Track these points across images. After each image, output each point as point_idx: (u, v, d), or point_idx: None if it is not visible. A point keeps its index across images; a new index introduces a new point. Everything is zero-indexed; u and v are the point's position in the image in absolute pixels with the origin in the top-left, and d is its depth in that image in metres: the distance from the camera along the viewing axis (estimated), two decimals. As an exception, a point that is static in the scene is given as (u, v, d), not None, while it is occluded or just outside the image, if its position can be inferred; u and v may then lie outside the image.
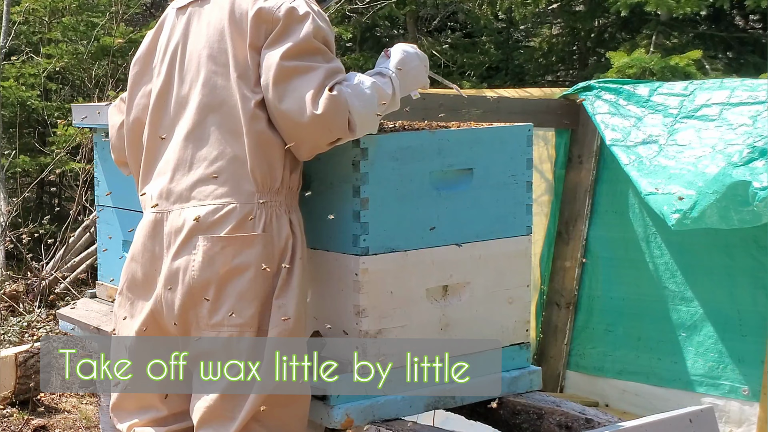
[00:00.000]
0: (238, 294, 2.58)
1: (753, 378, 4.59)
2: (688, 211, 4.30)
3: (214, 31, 2.68)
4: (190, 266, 2.59)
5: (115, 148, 2.99)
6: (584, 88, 5.24)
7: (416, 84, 2.77)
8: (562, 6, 8.83)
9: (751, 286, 4.63)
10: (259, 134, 2.59)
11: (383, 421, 2.69)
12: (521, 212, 2.90)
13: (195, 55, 2.71)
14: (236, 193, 2.61)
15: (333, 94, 2.53)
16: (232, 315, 2.57)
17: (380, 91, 2.62)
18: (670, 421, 2.31)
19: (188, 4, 2.79)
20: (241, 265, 2.58)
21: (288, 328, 2.59)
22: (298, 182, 2.70)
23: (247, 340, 2.58)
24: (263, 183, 2.61)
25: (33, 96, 8.19)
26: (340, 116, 2.54)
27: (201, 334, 2.61)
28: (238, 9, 2.65)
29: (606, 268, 5.26)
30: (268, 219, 2.61)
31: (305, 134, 2.58)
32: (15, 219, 7.49)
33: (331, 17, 8.22)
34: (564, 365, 5.38)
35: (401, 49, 2.75)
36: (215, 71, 2.66)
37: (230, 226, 2.59)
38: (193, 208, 2.62)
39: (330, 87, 2.55)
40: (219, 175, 2.62)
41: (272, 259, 2.60)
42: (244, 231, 2.59)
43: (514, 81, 8.85)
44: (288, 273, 2.62)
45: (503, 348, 2.91)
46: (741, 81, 4.88)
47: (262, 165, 2.60)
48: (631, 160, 4.79)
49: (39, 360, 5.48)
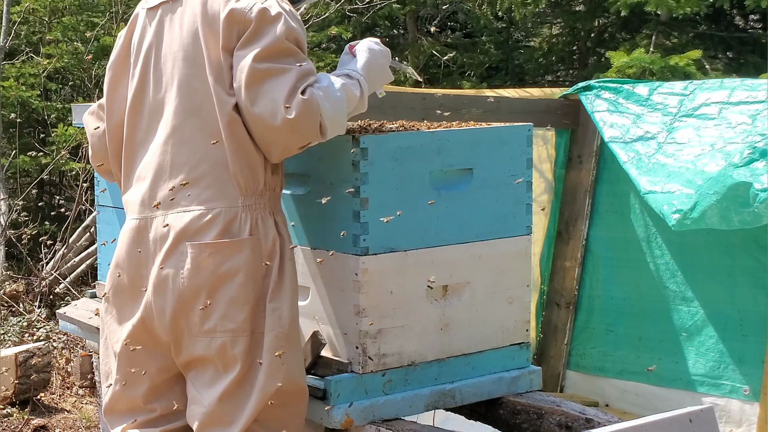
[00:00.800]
0: (229, 299, 2.56)
1: (753, 378, 4.59)
2: (688, 212, 4.30)
3: (188, 33, 2.64)
4: (179, 274, 2.57)
5: (97, 155, 2.93)
6: (584, 88, 5.24)
7: (382, 82, 2.75)
8: (562, 6, 8.83)
9: (751, 286, 4.63)
10: (239, 138, 2.57)
11: (383, 421, 2.69)
12: (521, 212, 2.90)
13: (169, 57, 2.67)
14: (220, 197, 2.58)
15: (305, 98, 2.50)
16: (224, 321, 2.56)
17: (350, 93, 2.60)
18: (670, 421, 2.30)
19: (159, 4, 2.74)
20: (231, 271, 2.56)
21: (284, 330, 2.59)
22: (279, 183, 2.69)
23: (241, 344, 2.57)
24: (246, 186, 2.59)
25: (33, 96, 8.19)
26: (312, 120, 2.52)
27: (194, 340, 2.60)
28: (211, 9, 2.61)
29: (606, 268, 5.26)
30: (253, 222, 2.59)
31: (277, 137, 2.55)
32: (15, 219, 7.49)
33: (331, 17, 8.23)
34: (564, 365, 5.38)
35: (366, 47, 2.71)
36: (191, 74, 2.62)
37: (216, 231, 2.57)
38: (178, 214, 2.60)
39: (302, 90, 2.51)
40: (202, 179, 2.59)
41: (260, 263, 2.59)
42: (231, 236, 2.57)
43: (514, 81, 8.85)
44: (279, 274, 2.61)
45: (503, 348, 2.91)
46: (741, 81, 4.88)
47: (243, 168, 2.58)
48: (630, 157, 4.79)
49: (39, 360, 5.48)
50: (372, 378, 2.69)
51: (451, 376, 2.81)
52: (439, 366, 2.79)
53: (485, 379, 2.86)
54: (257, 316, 2.58)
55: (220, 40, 2.58)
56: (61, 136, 7.74)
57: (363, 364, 2.68)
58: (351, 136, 2.66)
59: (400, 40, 9.79)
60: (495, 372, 2.88)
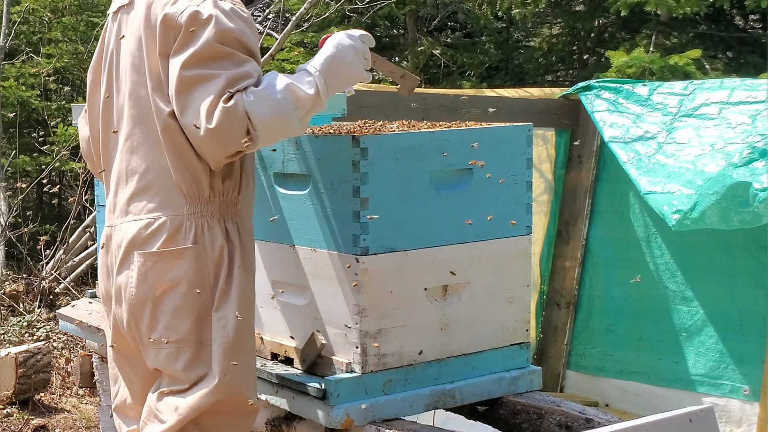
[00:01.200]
0: (172, 310, 2.53)
1: (753, 378, 4.59)
2: (688, 212, 4.30)
3: (134, 40, 2.60)
4: (129, 283, 2.56)
5: (90, 160, 2.92)
6: (584, 88, 5.24)
7: (351, 80, 2.58)
8: (562, 6, 8.84)
9: (751, 286, 4.63)
10: (177, 146, 2.52)
11: (383, 421, 2.69)
12: (521, 212, 2.90)
13: (123, 64, 2.64)
14: (166, 206, 2.54)
15: (227, 106, 2.39)
16: (168, 331, 2.53)
17: (296, 93, 2.44)
18: (670, 420, 2.30)
19: (118, 9, 2.71)
20: (174, 280, 2.52)
21: (228, 339, 2.54)
22: (234, 188, 2.59)
23: (186, 355, 2.54)
24: (190, 194, 2.53)
25: (33, 96, 8.20)
26: (236, 128, 2.40)
27: (145, 350, 2.59)
28: (153, 15, 2.54)
29: (606, 268, 5.26)
30: (199, 230, 2.53)
31: (204, 147, 2.47)
32: (15, 219, 7.49)
33: (331, 17, 8.22)
34: (564, 365, 5.38)
35: (336, 41, 2.54)
36: (137, 81, 2.58)
37: (161, 240, 2.53)
38: (130, 223, 2.58)
39: (227, 97, 2.39)
40: (150, 187, 2.56)
41: (205, 272, 2.53)
42: (176, 245, 2.53)
43: (514, 81, 8.85)
44: (226, 283, 2.55)
45: (503, 348, 2.91)
46: (741, 81, 4.89)
47: (185, 176, 2.52)
48: (630, 157, 4.79)
49: (39, 360, 5.48)
50: (372, 378, 2.69)
51: (451, 376, 2.81)
52: (439, 366, 2.79)
53: (485, 379, 2.86)
54: (204, 327, 2.54)
55: (157, 46, 2.52)
56: (61, 136, 7.74)
57: (363, 364, 2.68)
58: (351, 136, 2.65)
59: (400, 40, 9.79)
60: (495, 372, 2.88)
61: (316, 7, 7.49)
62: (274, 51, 6.56)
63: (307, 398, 2.71)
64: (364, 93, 4.77)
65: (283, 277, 2.89)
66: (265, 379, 2.84)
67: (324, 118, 3.48)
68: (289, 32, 6.53)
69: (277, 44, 6.51)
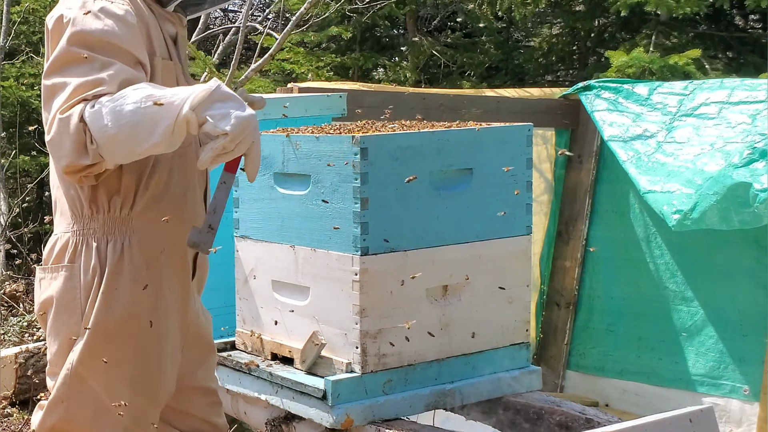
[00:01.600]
0: (48, 330, 2.46)
1: (754, 378, 4.59)
2: (688, 212, 4.30)
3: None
4: None
5: None
6: (584, 88, 5.24)
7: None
8: (562, 6, 8.84)
9: (751, 286, 4.62)
10: None
11: (383, 421, 2.69)
12: (521, 212, 2.90)
13: None
14: (61, 222, 2.46)
15: (61, 117, 2.19)
16: (48, 354, 2.46)
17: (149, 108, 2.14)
18: (670, 420, 2.30)
19: None
20: (47, 300, 2.44)
21: (69, 370, 2.40)
22: (125, 204, 2.40)
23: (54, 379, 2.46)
24: (73, 210, 2.42)
25: (33, 96, 8.19)
26: (67, 141, 2.19)
27: None
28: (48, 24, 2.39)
29: (606, 268, 5.26)
30: (78, 248, 2.41)
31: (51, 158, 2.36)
32: (15, 219, 7.48)
33: (331, 17, 8.21)
34: (564, 365, 5.37)
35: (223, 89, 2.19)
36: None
37: (52, 256, 2.44)
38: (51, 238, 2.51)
39: (66, 107, 2.19)
40: (55, 203, 2.49)
41: (76, 293, 2.40)
42: (57, 261, 2.43)
43: (514, 81, 8.84)
44: (90, 308, 2.39)
45: (503, 348, 2.91)
46: (741, 81, 4.88)
47: (68, 191, 2.42)
48: (630, 156, 4.79)
49: (39, 360, 5.48)
50: (372, 378, 2.69)
51: (451, 376, 2.81)
52: (439, 366, 2.79)
53: (485, 379, 2.86)
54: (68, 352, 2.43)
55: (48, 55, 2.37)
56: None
57: (363, 364, 2.67)
58: (351, 136, 2.66)
59: (399, 40, 9.79)
60: (495, 372, 2.88)
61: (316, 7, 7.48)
62: (274, 51, 6.54)
63: (307, 398, 2.71)
64: (364, 93, 4.77)
65: (283, 277, 2.89)
66: (265, 379, 2.84)
67: (324, 118, 3.48)
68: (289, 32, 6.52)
69: (277, 44, 6.50)
